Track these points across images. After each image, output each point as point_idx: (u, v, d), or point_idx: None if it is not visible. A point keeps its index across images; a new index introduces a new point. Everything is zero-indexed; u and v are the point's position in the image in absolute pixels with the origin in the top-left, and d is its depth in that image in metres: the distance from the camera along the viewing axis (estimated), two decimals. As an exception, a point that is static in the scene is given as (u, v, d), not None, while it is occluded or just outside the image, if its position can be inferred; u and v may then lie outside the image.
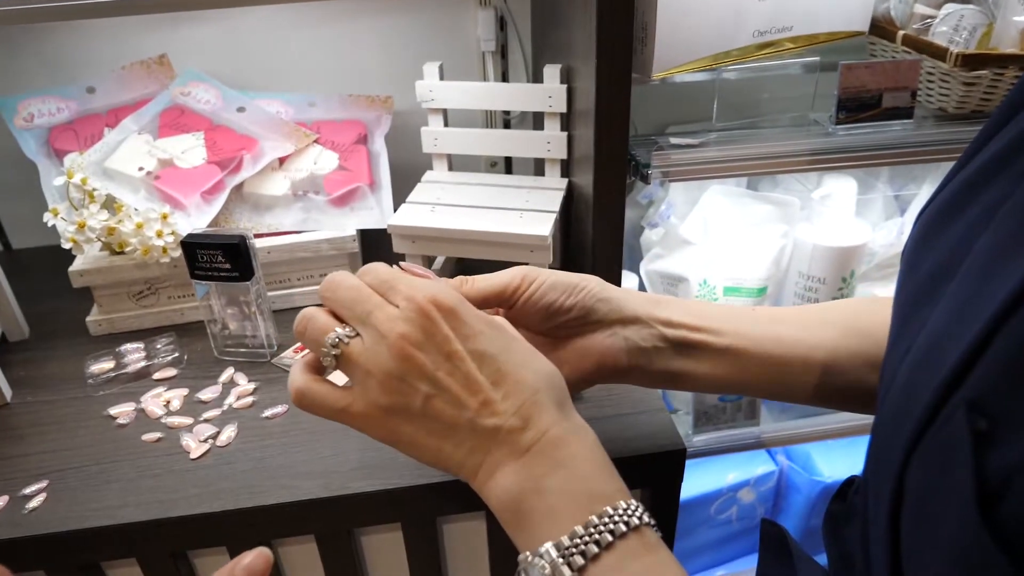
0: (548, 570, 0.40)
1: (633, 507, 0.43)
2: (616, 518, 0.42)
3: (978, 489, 0.28)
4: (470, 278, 0.53)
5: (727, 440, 1.04)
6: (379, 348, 0.45)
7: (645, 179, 0.80)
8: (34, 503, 0.64)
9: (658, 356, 0.55)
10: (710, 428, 1.04)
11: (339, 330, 0.47)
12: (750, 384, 0.56)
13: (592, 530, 0.41)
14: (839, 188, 0.94)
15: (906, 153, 0.84)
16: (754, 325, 0.55)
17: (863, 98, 0.83)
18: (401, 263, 0.51)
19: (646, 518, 0.43)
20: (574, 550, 0.40)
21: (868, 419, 1.13)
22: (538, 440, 0.45)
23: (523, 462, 0.44)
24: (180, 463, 0.67)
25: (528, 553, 0.42)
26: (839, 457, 1.23)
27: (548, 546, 0.41)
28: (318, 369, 0.50)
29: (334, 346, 0.47)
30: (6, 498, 0.64)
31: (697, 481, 1.21)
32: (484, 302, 0.52)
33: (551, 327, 0.54)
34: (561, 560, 0.40)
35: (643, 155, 0.81)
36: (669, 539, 0.76)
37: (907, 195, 1.03)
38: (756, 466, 1.23)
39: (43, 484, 0.66)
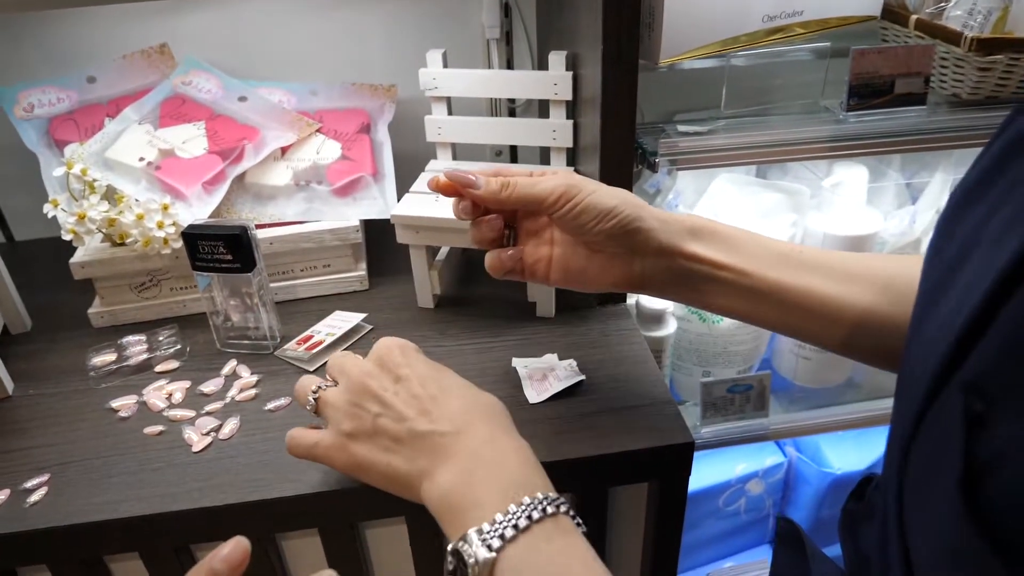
0: (471, 552, 0.44)
1: (552, 497, 0.47)
2: (535, 504, 0.45)
3: (964, 473, 0.28)
4: (512, 182, 0.57)
5: (735, 432, 1.03)
6: (344, 386, 0.55)
7: (652, 167, 0.78)
8: (35, 497, 0.63)
9: (679, 285, 0.58)
10: (718, 419, 1.03)
11: (319, 383, 0.57)
12: (771, 323, 0.58)
13: (511, 516, 0.44)
14: (850, 176, 0.92)
15: (919, 140, 0.82)
16: (786, 269, 0.56)
17: (875, 84, 0.82)
18: (446, 172, 0.59)
19: (564, 508, 0.47)
20: (493, 534, 0.44)
21: (879, 410, 1.11)
22: (471, 444, 0.50)
23: (455, 460, 0.49)
24: (182, 456, 0.67)
25: (454, 540, 0.46)
26: (849, 449, 1.22)
27: (471, 531, 0.44)
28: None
29: (314, 392, 0.57)
30: (8, 492, 0.64)
31: (705, 473, 1.20)
32: (523, 206, 0.58)
33: (584, 240, 0.59)
34: (481, 543, 0.44)
35: (650, 143, 0.80)
36: (676, 532, 0.75)
37: (919, 183, 1.01)
38: (765, 457, 1.22)
39: (44, 478, 0.65)
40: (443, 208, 0.79)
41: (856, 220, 0.94)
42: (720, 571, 1.28)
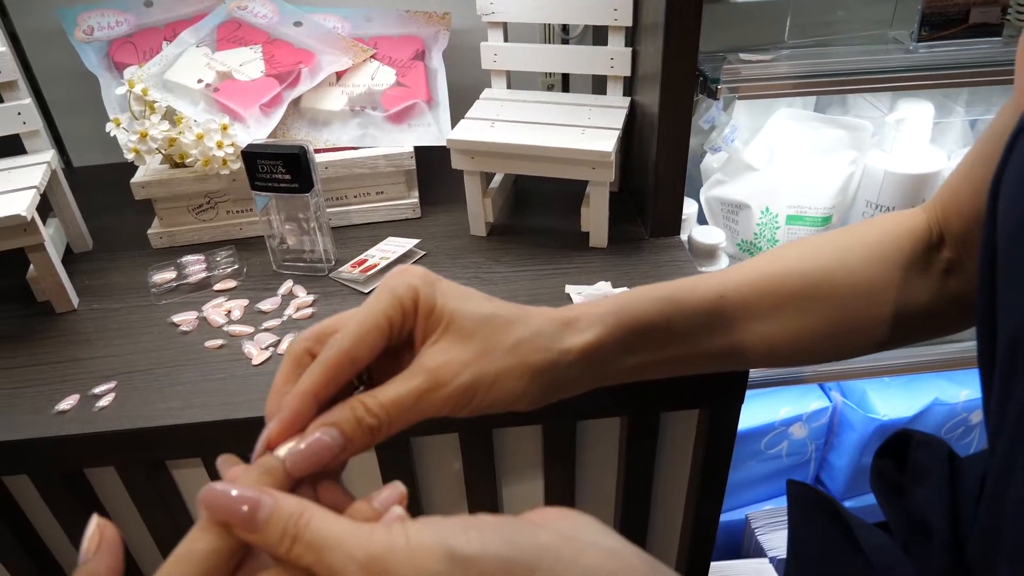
0: None
1: None
2: None
3: None
4: (375, 425, 0.39)
5: (783, 372, 1.02)
6: None
7: (713, 95, 0.77)
8: (103, 402, 0.65)
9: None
10: (766, 359, 1.03)
11: None
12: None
13: None
14: (915, 112, 0.90)
15: (992, 73, 0.79)
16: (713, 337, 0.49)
17: (949, 13, 0.79)
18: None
19: None
20: None
21: (930, 357, 1.09)
22: None
23: None
24: (243, 369, 0.68)
25: None
26: (896, 395, 1.21)
27: None
28: None
29: None
30: (77, 397, 0.66)
31: (749, 414, 1.20)
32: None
33: None
34: None
35: (711, 70, 0.78)
36: (725, 462, 0.75)
37: (985, 121, 0.97)
38: (810, 401, 1.22)
39: (112, 385, 0.67)
40: (499, 133, 0.78)
41: (919, 158, 0.92)
42: (758, 513, 1.28)
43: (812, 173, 0.95)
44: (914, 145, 0.91)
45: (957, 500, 0.51)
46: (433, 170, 0.94)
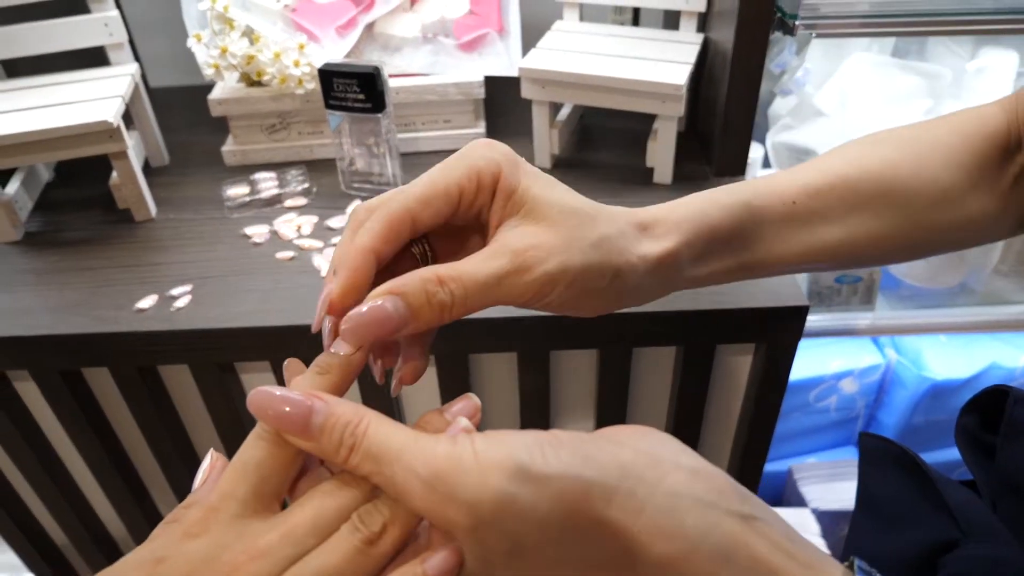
0: None
1: None
2: None
3: None
4: (451, 295, 0.36)
5: (838, 322, 1.02)
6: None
7: (790, 31, 0.76)
8: (180, 303, 0.69)
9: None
10: (822, 309, 1.02)
11: None
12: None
13: None
14: (997, 61, 0.87)
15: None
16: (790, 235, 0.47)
17: (1043, -45, 0.76)
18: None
19: None
20: None
21: (992, 317, 1.07)
22: None
23: None
24: (312, 280, 0.71)
25: None
26: (953, 356, 1.19)
27: None
28: None
29: None
30: (155, 297, 0.69)
31: (800, 365, 1.19)
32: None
33: None
34: None
35: (789, 4, 0.76)
36: (776, 404, 0.76)
37: (1072, 75, 0.94)
38: (863, 356, 1.21)
39: (188, 288, 0.70)
40: (571, 63, 0.79)
41: (997, 110, 0.89)
42: (802, 466, 1.29)
43: (884, 121, 0.93)
44: (994, 95, 0.88)
45: None
46: (499, 102, 0.94)
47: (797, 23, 0.75)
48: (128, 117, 0.84)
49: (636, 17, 1.03)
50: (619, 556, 0.30)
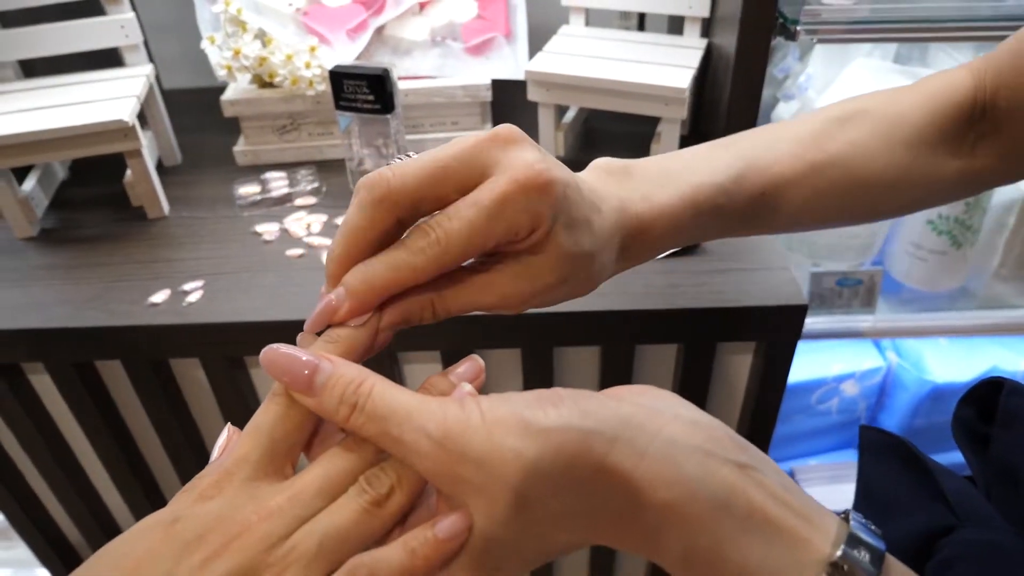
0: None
1: None
2: None
3: None
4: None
5: (839, 325, 1.03)
6: None
7: (792, 37, 0.77)
8: (192, 298, 0.70)
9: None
10: (823, 311, 1.03)
11: None
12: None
13: None
14: (997, 67, 0.88)
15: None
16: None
17: (1042, -38, 0.77)
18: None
19: None
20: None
21: (993, 320, 1.08)
22: None
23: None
24: (321, 277, 0.72)
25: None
26: (953, 359, 1.20)
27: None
28: None
29: None
30: (168, 292, 0.71)
31: (801, 367, 1.20)
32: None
33: None
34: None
35: (791, 11, 0.78)
36: (776, 402, 0.77)
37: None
38: (864, 359, 1.22)
39: (200, 283, 0.72)
40: (576, 66, 0.80)
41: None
42: (804, 468, 1.30)
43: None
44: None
45: None
46: (506, 104, 0.96)
47: (799, 28, 0.76)
48: (142, 117, 0.86)
49: (641, 22, 1.05)
50: (623, 505, 0.31)
